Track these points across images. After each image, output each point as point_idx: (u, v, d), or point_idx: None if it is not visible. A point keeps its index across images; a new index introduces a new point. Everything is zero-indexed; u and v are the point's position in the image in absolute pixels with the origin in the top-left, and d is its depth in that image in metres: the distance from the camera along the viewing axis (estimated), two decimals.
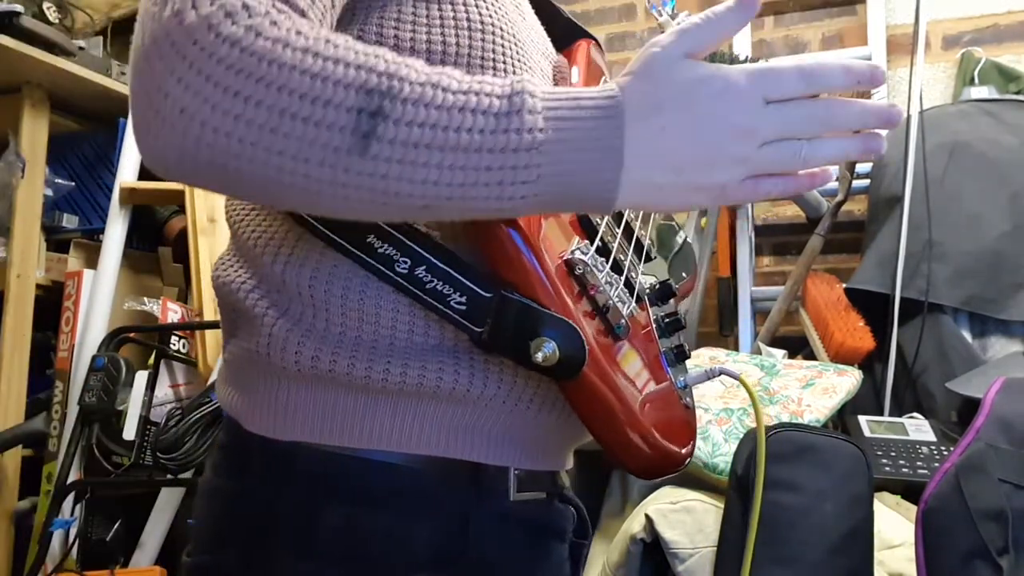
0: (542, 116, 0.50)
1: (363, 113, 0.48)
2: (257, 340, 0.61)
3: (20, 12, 1.80)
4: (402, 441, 0.61)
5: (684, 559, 1.15)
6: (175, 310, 1.93)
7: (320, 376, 0.59)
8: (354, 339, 0.59)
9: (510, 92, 0.50)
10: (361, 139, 0.48)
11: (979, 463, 1.01)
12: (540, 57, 0.75)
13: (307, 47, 0.48)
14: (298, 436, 0.62)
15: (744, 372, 1.52)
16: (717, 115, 0.52)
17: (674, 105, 0.52)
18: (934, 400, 1.65)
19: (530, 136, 0.50)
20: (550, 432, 0.66)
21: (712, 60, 1.86)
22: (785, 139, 0.53)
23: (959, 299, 1.69)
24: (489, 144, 0.49)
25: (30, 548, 1.77)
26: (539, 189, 0.51)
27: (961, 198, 1.76)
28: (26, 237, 1.90)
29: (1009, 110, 1.89)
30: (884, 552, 1.14)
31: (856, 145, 0.56)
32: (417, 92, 0.49)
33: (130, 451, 1.72)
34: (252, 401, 0.63)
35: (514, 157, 0.50)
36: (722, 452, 1.25)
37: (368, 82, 0.48)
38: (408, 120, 0.49)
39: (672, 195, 0.53)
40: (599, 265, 0.62)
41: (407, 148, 0.49)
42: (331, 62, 0.48)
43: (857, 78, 0.54)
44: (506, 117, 0.50)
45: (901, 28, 2.19)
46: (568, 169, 0.50)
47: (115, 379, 1.76)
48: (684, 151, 0.52)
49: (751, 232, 2.15)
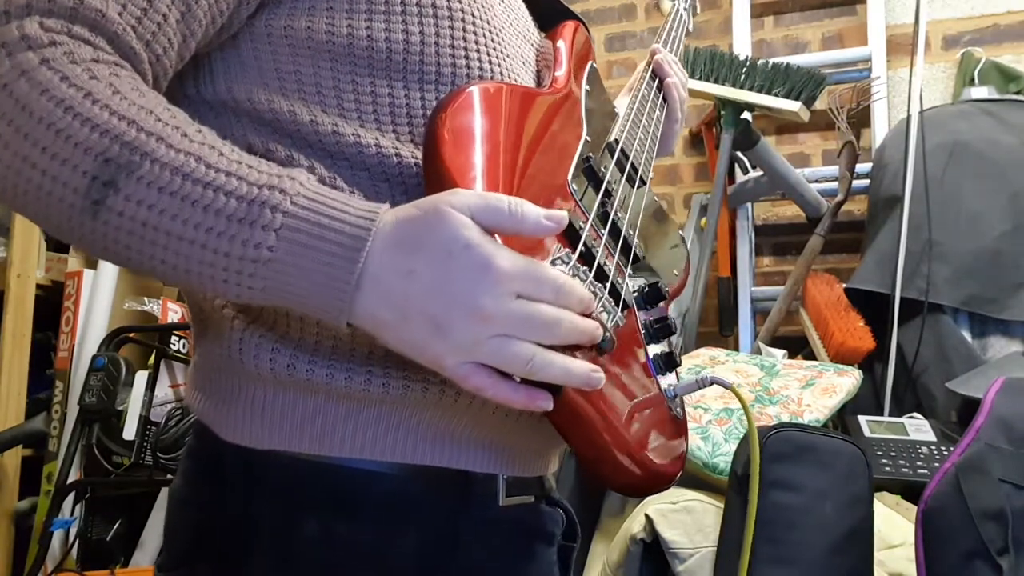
0: (276, 234, 0.49)
1: (96, 180, 0.49)
2: (228, 345, 0.59)
3: None
4: (386, 450, 0.59)
5: (684, 559, 1.15)
6: (175, 310, 1.93)
7: (298, 382, 0.57)
8: (331, 346, 0.57)
9: (254, 198, 0.49)
10: (92, 204, 0.49)
11: (979, 463, 1.01)
12: (520, 42, 0.72)
13: (63, 99, 0.49)
14: (275, 444, 0.59)
15: (744, 372, 1.52)
16: (466, 286, 0.49)
17: (433, 257, 0.49)
18: (934, 400, 1.65)
19: (256, 252, 0.49)
20: (538, 437, 0.65)
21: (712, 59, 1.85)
22: (518, 339, 0.50)
23: (959, 299, 1.69)
24: (215, 245, 0.49)
25: (30, 548, 1.77)
26: (267, 297, 0.51)
27: (961, 198, 1.76)
28: (26, 237, 1.90)
29: (1009, 110, 1.89)
30: (884, 552, 1.14)
31: (579, 377, 0.52)
32: (155, 174, 0.49)
33: (130, 451, 1.72)
34: (225, 407, 0.61)
35: (238, 264, 0.49)
36: (722, 452, 1.25)
37: (109, 151, 0.49)
38: (139, 199, 0.49)
39: (393, 338, 0.51)
40: (581, 274, 0.58)
41: (135, 224, 0.49)
42: (79, 121, 0.49)
43: (588, 311, 0.53)
44: (240, 224, 0.49)
45: (901, 28, 2.19)
46: (293, 292, 0.50)
47: (115, 379, 1.76)
48: (420, 303, 0.49)
49: (751, 232, 2.15)
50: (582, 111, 0.72)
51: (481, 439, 0.62)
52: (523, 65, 0.71)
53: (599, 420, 0.55)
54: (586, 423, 0.55)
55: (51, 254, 2.05)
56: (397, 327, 0.50)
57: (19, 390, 1.86)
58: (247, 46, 0.62)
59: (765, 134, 2.13)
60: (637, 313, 0.65)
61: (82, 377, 1.80)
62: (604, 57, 2.53)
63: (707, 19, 2.45)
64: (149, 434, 1.74)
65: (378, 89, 0.61)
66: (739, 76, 1.97)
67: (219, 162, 0.50)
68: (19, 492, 1.85)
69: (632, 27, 2.53)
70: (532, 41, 0.75)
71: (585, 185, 0.65)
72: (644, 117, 0.83)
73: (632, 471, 0.57)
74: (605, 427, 0.55)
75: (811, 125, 2.15)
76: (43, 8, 0.51)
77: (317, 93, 0.61)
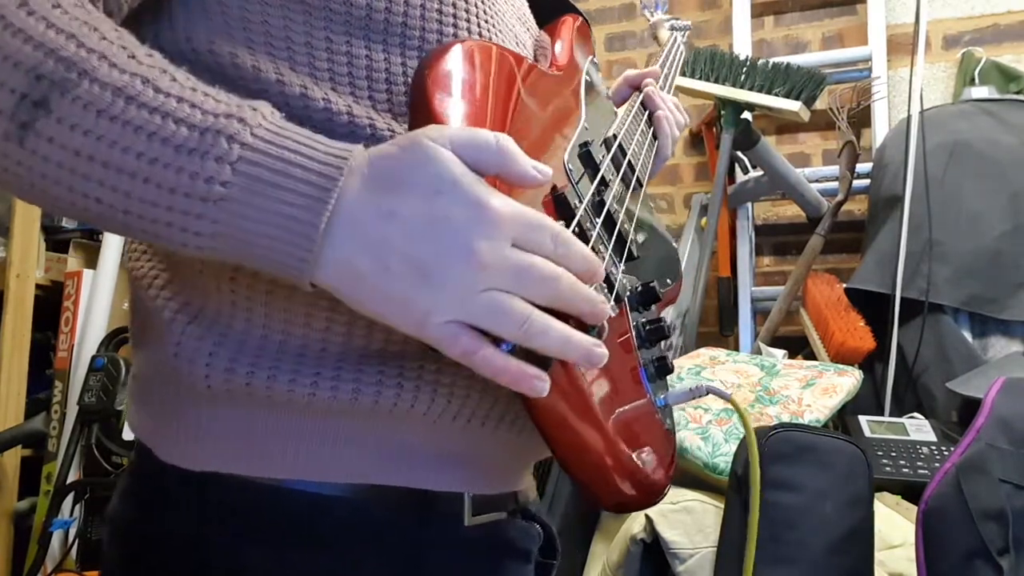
0: (231, 167, 0.42)
1: (26, 100, 0.43)
2: (165, 350, 0.52)
3: None
4: (333, 469, 0.52)
5: (684, 559, 1.15)
6: None
7: (235, 393, 0.51)
8: (278, 344, 0.51)
9: (209, 126, 0.43)
10: (19, 127, 0.43)
11: (979, 463, 1.01)
12: (515, 22, 0.67)
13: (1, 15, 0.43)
14: (215, 465, 0.53)
15: (744, 372, 1.52)
16: (458, 227, 0.43)
17: (417, 196, 0.43)
18: (934, 400, 1.65)
19: (206, 187, 0.42)
20: (509, 451, 0.59)
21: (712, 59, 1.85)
22: (514, 296, 0.43)
23: (959, 299, 1.69)
24: (160, 178, 0.42)
25: (29, 548, 1.77)
26: (216, 246, 0.43)
27: (961, 198, 1.76)
28: (26, 237, 1.90)
29: (1009, 110, 1.89)
30: (884, 552, 1.14)
31: (579, 350, 0.45)
32: (93, 94, 0.43)
33: (129, 451, 1.72)
34: (162, 423, 0.55)
35: (186, 202, 0.42)
36: (722, 452, 1.25)
37: (42, 67, 0.43)
38: (73, 123, 0.42)
39: (371, 293, 0.43)
40: None
41: (66, 154, 0.43)
42: (10, 32, 0.43)
43: (591, 277, 0.47)
44: (190, 155, 0.42)
45: (901, 28, 2.19)
46: (250, 239, 0.43)
47: (115, 379, 1.76)
48: (403, 247, 0.42)
49: (751, 232, 2.15)
50: (581, 96, 0.68)
51: (442, 454, 0.55)
52: (516, 43, 0.66)
53: (587, 418, 0.49)
54: (571, 419, 0.49)
55: (51, 254, 2.05)
56: (375, 279, 0.43)
57: (18, 390, 1.86)
58: None
59: (765, 134, 2.13)
60: (629, 313, 0.60)
61: (81, 377, 1.80)
62: (604, 57, 2.53)
63: (707, 19, 2.44)
64: None
65: (355, 50, 0.54)
66: (739, 76, 1.97)
67: (171, 87, 0.44)
68: (19, 492, 1.85)
69: (632, 27, 2.53)
70: (525, 23, 0.70)
71: (582, 170, 0.61)
72: (639, 129, 0.79)
73: (619, 481, 0.51)
74: (594, 425, 0.50)
75: (811, 125, 2.15)
76: None
77: (287, 48, 0.53)
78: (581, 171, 0.60)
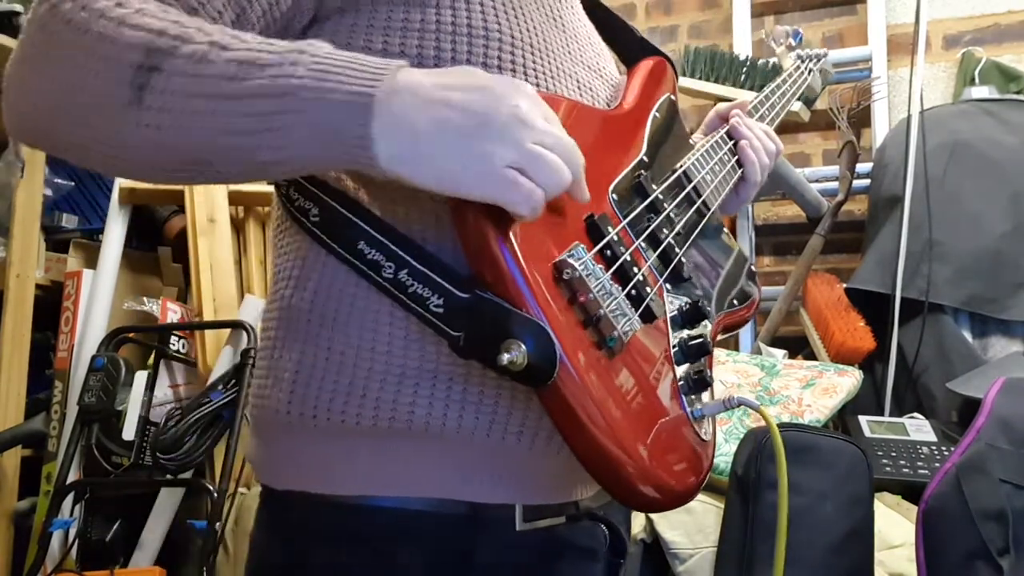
0: (305, 67, 0.51)
1: (141, 68, 0.52)
2: (279, 395, 0.63)
3: (20, 12, 1.80)
4: (386, 484, 0.61)
5: (684, 559, 1.15)
6: (175, 310, 1.93)
7: (305, 423, 0.61)
8: (362, 381, 0.60)
9: (284, 51, 0.52)
10: (136, 91, 0.51)
11: (979, 463, 1.01)
12: (578, 68, 0.72)
13: (115, 16, 0.53)
14: (290, 484, 0.64)
15: (744, 372, 1.52)
16: (504, 92, 0.52)
17: (465, 73, 0.54)
18: (934, 400, 1.65)
19: (285, 82, 0.51)
20: (557, 465, 0.63)
21: (712, 59, 1.85)
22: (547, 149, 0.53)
23: (960, 299, 1.69)
24: (248, 90, 0.51)
25: (30, 548, 1.77)
26: (299, 135, 0.51)
27: (961, 198, 1.76)
28: (26, 237, 1.90)
29: (1009, 110, 1.89)
30: (884, 552, 1.14)
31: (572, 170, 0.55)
32: (193, 49, 0.52)
33: (130, 451, 1.72)
34: (256, 450, 0.68)
35: (269, 102, 0.51)
36: (722, 452, 1.25)
37: (152, 43, 0.52)
38: (180, 72, 0.51)
39: (436, 146, 0.51)
40: (595, 272, 0.58)
41: (177, 97, 0.51)
42: (127, 27, 0.52)
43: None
44: (271, 67, 0.51)
45: (901, 28, 2.18)
46: (322, 114, 0.51)
47: (115, 379, 1.76)
48: (461, 104, 0.51)
49: (751, 232, 2.15)
50: (645, 133, 0.74)
51: (489, 470, 0.62)
52: (578, 88, 0.71)
53: (597, 419, 0.54)
54: (581, 420, 0.53)
55: (51, 254, 2.05)
56: (439, 134, 0.51)
57: (18, 390, 1.85)
58: None
59: None
60: (671, 329, 0.65)
61: (81, 377, 1.79)
62: None
63: (707, 19, 2.44)
64: (148, 434, 1.73)
65: None
66: (739, 76, 1.97)
67: (252, 39, 0.53)
68: (18, 492, 1.85)
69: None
70: (597, 71, 0.76)
71: (632, 199, 0.67)
72: (718, 158, 0.84)
73: (634, 479, 0.55)
74: (604, 427, 0.54)
75: (811, 125, 2.15)
76: None
77: None
78: (631, 200, 0.67)
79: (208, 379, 1.78)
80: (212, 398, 1.69)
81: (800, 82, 1.21)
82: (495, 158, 0.51)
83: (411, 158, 0.51)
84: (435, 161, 0.51)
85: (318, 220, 0.62)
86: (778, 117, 1.06)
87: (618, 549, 0.74)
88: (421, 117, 0.51)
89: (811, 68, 1.28)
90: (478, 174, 0.51)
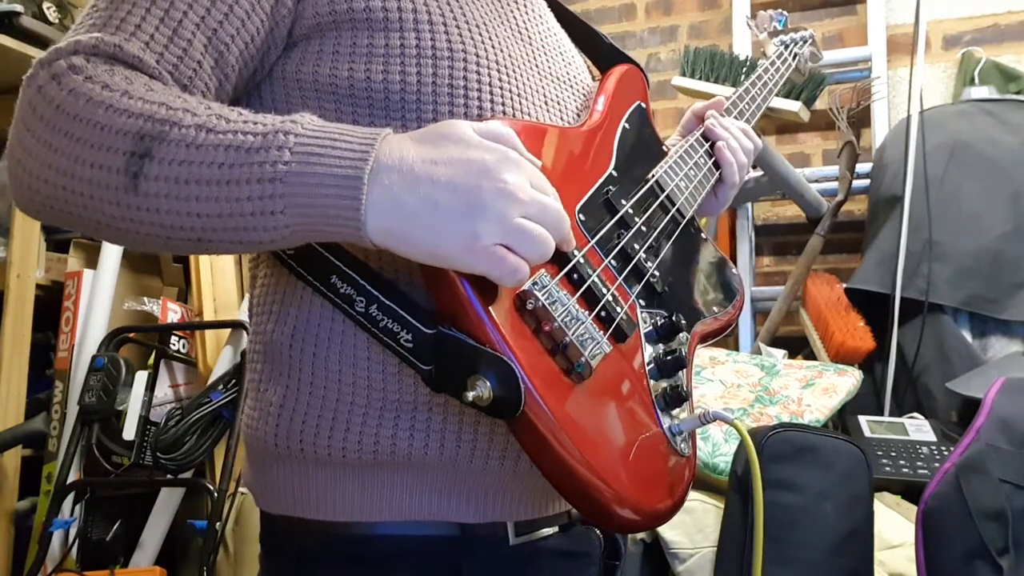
0: (290, 150, 0.52)
1: (134, 155, 0.54)
2: (265, 426, 0.65)
3: (20, 12, 1.80)
4: (376, 511, 0.63)
5: (684, 559, 1.15)
6: (175, 310, 1.93)
7: (320, 457, 0.63)
8: (361, 413, 0.62)
9: (269, 130, 0.53)
10: (132, 178, 0.54)
11: (979, 463, 1.01)
12: (545, 81, 0.72)
13: (102, 100, 0.55)
14: (285, 510, 0.66)
15: (744, 372, 1.52)
16: (491, 167, 0.52)
17: (452, 146, 0.53)
18: (934, 400, 1.65)
19: (272, 169, 0.52)
20: (543, 483, 0.62)
21: (712, 59, 1.85)
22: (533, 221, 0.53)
23: (959, 299, 1.69)
24: (238, 176, 0.52)
25: (30, 548, 1.77)
26: (290, 220, 0.53)
27: (961, 198, 1.76)
28: (26, 237, 1.90)
29: (1009, 110, 1.89)
30: (884, 552, 1.14)
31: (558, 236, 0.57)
32: (182, 134, 0.54)
33: (130, 451, 1.72)
34: (251, 476, 0.70)
35: (259, 188, 0.52)
36: (722, 452, 1.25)
37: (143, 129, 0.54)
38: (171, 159, 0.53)
39: (424, 229, 0.52)
40: (560, 299, 0.57)
41: (171, 184, 0.53)
42: (115, 113, 0.54)
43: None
44: (256, 152, 0.52)
45: (901, 28, 2.18)
46: (313, 200, 0.52)
47: (115, 379, 1.76)
48: (448, 185, 0.52)
49: (751, 232, 2.15)
50: (613, 145, 0.73)
51: (476, 492, 0.64)
52: (545, 103, 0.72)
53: (567, 445, 0.54)
54: (551, 449, 0.54)
55: (51, 254, 2.05)
56: (427, 216, 0.51)
57: (19, 390, 1.85)
58: (266, 88, 0.66)
59: (765, 134, 2.13)
60: (647, 345, 0.65)
61: (82, 377, 1.80)
62: None
63: (707, 19, 2.44)
64: (149, 434, 1.74)
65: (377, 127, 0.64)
66: (739, 76, 1.97)
67: (238, 117, 0.55)
68: (19, 492, 1.85)
69: (632, 27, 2.53)
70: (567, 81, 0.76)
71: (602, 217, 0.66)
72: (692, 162, 0.82)
73: (608, 503, 0.55)
74: (575, 453, 0.54)
75: (811, 125, 2.15)
76: (87, 49, 0.57)
77: None
78: (600, 218, 0.66)
79: (208, 379, 1.78)
80: (212, 398, 1.69)
81: (784, 70, 1.18)
82: (483, 238, 0.51)
83: (401, 235, 0.52)
84: (426, 239, 0.52)
85: (293, 252, 0.63)
86: (760, 109, 1.04)
87: (613, 551, 0.74)
88: (410, 198, 0.52)
89: (796, 52, 1.26)
90: (467, 251, 0.52)
